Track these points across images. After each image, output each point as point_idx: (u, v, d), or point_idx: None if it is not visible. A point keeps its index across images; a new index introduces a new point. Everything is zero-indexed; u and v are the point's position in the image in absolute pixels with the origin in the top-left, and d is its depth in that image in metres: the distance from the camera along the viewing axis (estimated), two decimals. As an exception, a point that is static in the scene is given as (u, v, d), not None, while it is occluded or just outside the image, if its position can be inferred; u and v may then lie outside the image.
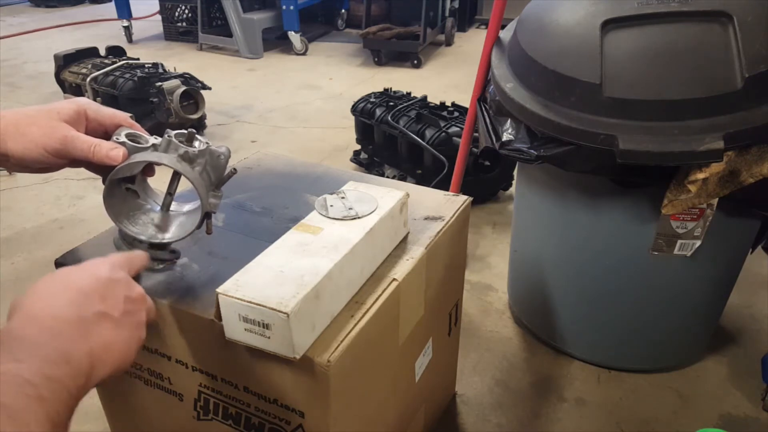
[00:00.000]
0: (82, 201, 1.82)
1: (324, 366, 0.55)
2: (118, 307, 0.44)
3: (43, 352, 0.37)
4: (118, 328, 0.43)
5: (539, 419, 1.04)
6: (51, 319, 0.39)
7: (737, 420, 1.03)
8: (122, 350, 0.43)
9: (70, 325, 0.40)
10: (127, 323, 0.45)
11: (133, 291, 0.47)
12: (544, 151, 0.88)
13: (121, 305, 0.45)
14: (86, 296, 0.42)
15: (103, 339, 0.42)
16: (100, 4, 5.26)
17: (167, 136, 0.60)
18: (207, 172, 0.61)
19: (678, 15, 0.81)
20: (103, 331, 0.42)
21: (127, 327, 0.45)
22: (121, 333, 0.44)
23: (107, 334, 0.42)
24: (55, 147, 0.55)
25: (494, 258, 1.50)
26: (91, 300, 0.42)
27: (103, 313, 0.43)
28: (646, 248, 0.95)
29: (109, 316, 0.43)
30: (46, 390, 0.35)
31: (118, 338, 0.43)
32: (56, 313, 0.40)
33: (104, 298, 0.44)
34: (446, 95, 2.39)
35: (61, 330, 0.39)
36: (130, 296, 0.46)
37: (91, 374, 0.40)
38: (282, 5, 3.44)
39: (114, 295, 0.45)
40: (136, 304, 0.47)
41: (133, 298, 0.47)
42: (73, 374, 0.38)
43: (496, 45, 1.08)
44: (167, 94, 2.03)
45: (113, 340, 0.42)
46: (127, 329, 0.44)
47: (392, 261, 0.69)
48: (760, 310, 1.29)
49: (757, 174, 0.80)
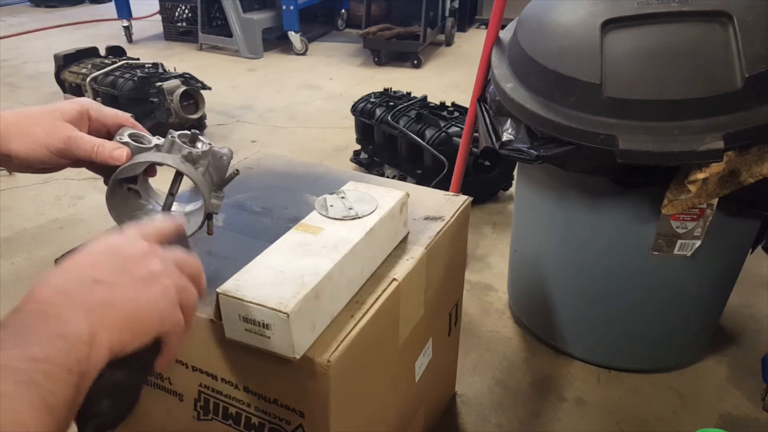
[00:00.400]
0: (82, 201, 1.82)
1: (324, 366, 0.55)
2: (112, 269, 0.41)
3: (28, 335, 0.36)
4: (114, 288, 0.40)
5: (539, 419, 1.04)
6: (38, 303, 0.38)
7: (737, 420, 1.03)
8: (129, 309, 0.40)
9: (55, 303, 0.38)
10: (128, 281, 0.41)
11: (132, 249, 0.43)
12: (544, 151, 0.88)
13: (115, 267, 0.41)
14: (74, 272, 0.40)
15: (98, 304, 0.39)
16: (100, 4, 5.26)
17: (170, 137, 0.60)
18: (209, 173, 0.61)
19: (678, 15, 0.81)
20: (97, 296, 0.39)
21: (129, 285, 0.41)
22: (120, 292, 0.40)
23: (102, 298, 0.39)
24: (59, 147, 0.55)
25: (494, 258, 1.50)
26: (80, 273, 0.40)
27: (94, 279, 0.40)
28: (646, 248, 0.95)
29: (102, 281, 0.40)
30: (36, 373, 0.34)
31: (118, 298, 0.40)
32: (40, 297, 0.38)
33: (95, 266, 0.41)
34: (446, 95, 2.39)
35: (47, 310, 0.37)
36: (128, 255, 0.42)
37: (93, 344, 0.37)
38: (282, 5, 3.44)
39: (108, 261, 0.42)
40: (137, 260, 0.43)
41: (132, 255, 0.43)
42: (67, 348, 0.36)
43: (496, 45, 1.08)
44: (167, 94, 2.03)
45: (111, 301, 0.40)
46: (128, 287, 0.41)
47: (392, 261, 0.69)
48: (760, 310, 1.29)
49: (757, 174, 0.80)
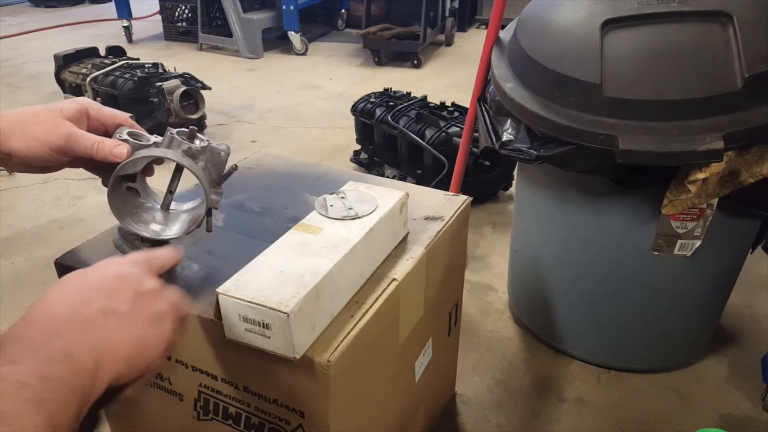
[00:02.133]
0: (82, 201, 1.82)
1: (324, 366, 0.55)
2: (126, 302, 0.42)
3: (40, 352, 0.36)
4: (126, 322, 0.42)
5: (539, 419, 1.04)
6: (49, 319, 0.38)
7: (737, 420, 1.03)
8: (135, 346, 0.42)
9: (68, 323, 0.39)
10: (138, 318, 0.43)
11: (144, 285, 0.45)
12: (544, 151, 0.88)
13: (129, 300, 0.43)
14: (89, 293, 0.41)
15: (109, 334, 0.40)
16: (100, 4, 5.27)
17: (169, 134, 0.60)
18: (208, 169, 0.61)
19: (678, 15, 0.81)
20: (109, 326, 0.41)
21: (139, 322, 0.43)
22: (130, 328, 0.42)
23: (113, 329, 0.41)
24: (59, 144, 0.55)
25: (494, 258, 1.50)
26: (95, 297, 0.41)
27: (108, 309, 0.41)
28: (646, 248, 0.95)
29: (116, 312, 0.41)
30: (44, 391, 0.34)
31: (127, 333, 0.41)
32: (54, 313, 0.39)
33: (111, 295, 0.42)
34: (446, 95, 2.39)
35: (60, 329, 0.38)
36: (141, 290, 0.44)
37: (98, 372, 0.38)
38: (282, 5, 3.44)
39: (122, 291, 0.43)
40: (149, 298, 0.44)
41: (145, 291, 0.45)
42: (76, 371, 0.36)
43: (496, 45, 1.08)
44: (167, 94, 2.03)
45: (121, 335, 0.41)
46: (138, 324, 0.42)
47: (392, 261, 0.69)
48: (760, 310, 1.29)
49: (757, 174, 0.80)
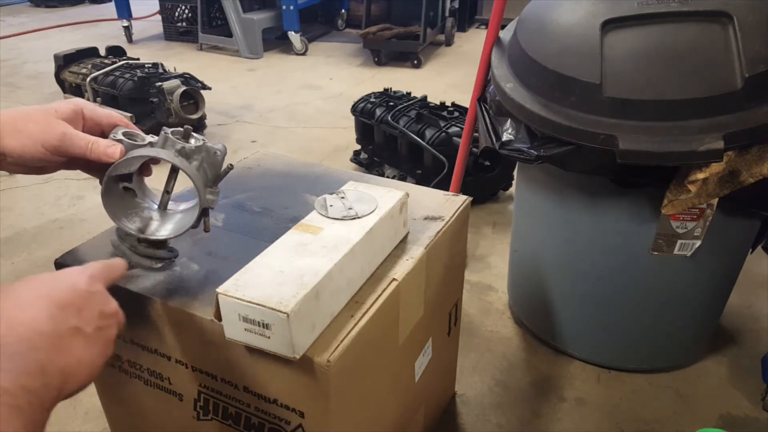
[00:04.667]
0: (82, 201, 1.82)
1: (324, 366, 0.55)
2: (92, 322, 0.44)
3: (21, 363, 0.37)
4: (89, 344, 0.43)
5: (539, 419, 1.04)
6: (29, 330, 0.39)
7: (737, 420, 1.03)
8: (91, 367, 0.43)
9: (46, 339, 0.40)
10: (99, 340, 0.45)
11: (107, 306, 0.47)
12: (544, 151, 0.88)
13: (95, 321, 0.44)
14: (63, 310, 0.42)
15: (76, 355, 0.42)
16: (100, 4, 5.27)
17: (164, 133, 0.60)
18: (204, 168, 0.61)
19: (678, 15, 0.81)
20: (76, 346, 0.42)
21: (99, 343, 0.44)
22: (91, 349, 0.43)
23: (79, 350, 0.42)
24: (53, 144, 0.55)
25: (494, 258, 1.50)
26: (68, 314, 0.42)
27: (77, 328, 0.43)
28: (646, 248, 0.95)
29: (83, 332, 0.43)
30: (23, 401, 0.35)
31: (88, 355, 0.43)
32: (35, 326, 0.40)
33: (80, 313, 0.43)
34: (446, 95, 2.39)
35: (38, 343, 0.39)
36: (104, 311, 0.46)
37: (62, 389, 0.40)
38: (282, 5, 3.44)
39: (89, 310, 0.44)
40: (109, 320, 0.47)
41: (107, 313, 0.47)
42: (46, 386, 0.38)
43: (496, 45, 1.08)
44: (167, 94, 2.03)
45: (84, 356, 0.42)
46: (98, 346, 0.44)
47: (392, 261, 0.69)
48: (760, 310, 1.29)
49: (757, 174, 0.80)
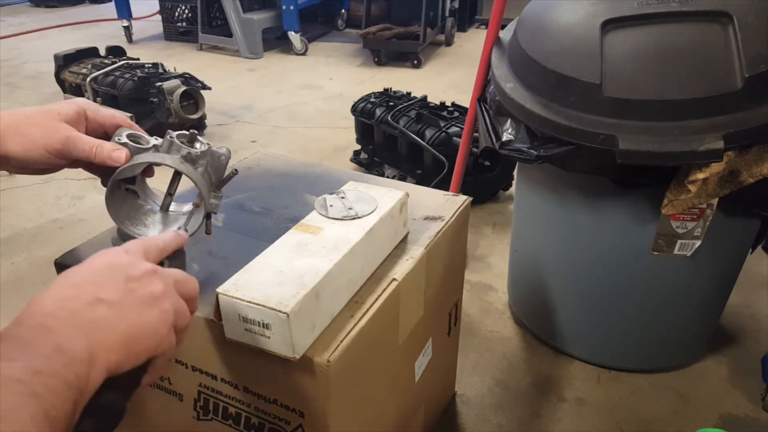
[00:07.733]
0: (82, 201, 1.82)
1: (324, 366, 0.55)
2: (115, 290, 0.42)
3: (30, 347, 0.36)
4: (116, 310, 0.41)
5: (539, 419, 1.04)
6: (40, 316, 0.39)
7: (737, 420, 1.03)
8: (130, 332, 0.41)
9: (56, 318, 0.39)
10: (130, 303, 0.42)
11: (135, 270, 0.44)
12: (544, 151, 0.88)
13: (119, 287, 0.42)
14: (76, 289, 0.41)
15: (99, 323, 0.40)
16: (100, 4, 5.27)
17: (169, 137, 0.60)
18: (208, 173, 0.61)
19: (678, 15, 0.81)
20: (98, 315, 0.40)
21: (131, 307, 0.42)
22: (121, 314, 0.41)
23: (103, 319, 0.40)
24: (57, 147, 0.55)
25: (494, 258, 1.50)
26: (83, 291, 0.41)
27: (96, 299, 0.41)
28: (646, 248, 0.95)
29: (104, 301, 0.41)
30: (39, 385, 0.34)
31: (119, 320, 0.41)
32: (42, 310, 0.39)
33: (98, 287, 0.42)
34: (446, 95, 2.39)
35: (48, 324, 0.38)
36: (131, 275, 0.43)
37: (92, 362, 0.38)
38: (282, 5, 3.44)
39: (111, 280, 0.43)
40: (140, 281, 0.44)
41: (135, 276, 0.44)
42: (68, 364, 0.37)
43: (496, 45, 1.08)
44: (167, 94, 2.03)
45: (112, 323, 0.41)
46: (131, 309, 0.42)
47: (392, 261, 0.69)
48: (760, 310, 1.29)
49: (757, 174, 0.80)
